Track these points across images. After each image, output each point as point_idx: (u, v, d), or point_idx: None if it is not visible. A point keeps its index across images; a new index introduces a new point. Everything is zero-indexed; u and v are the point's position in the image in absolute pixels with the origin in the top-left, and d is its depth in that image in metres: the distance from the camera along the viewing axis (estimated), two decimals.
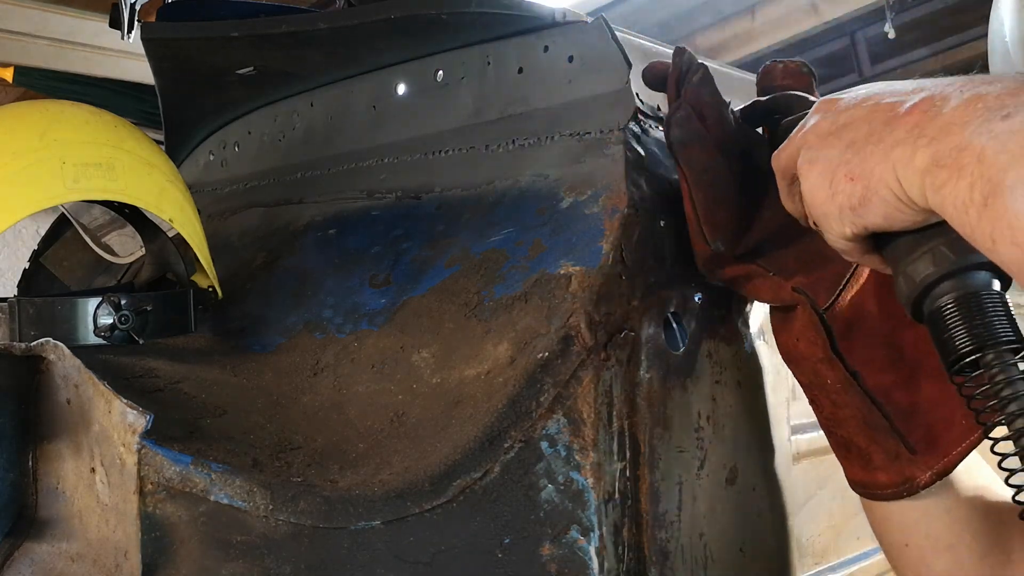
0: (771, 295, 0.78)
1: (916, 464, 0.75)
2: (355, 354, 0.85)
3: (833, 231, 0.63)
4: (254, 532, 0.66)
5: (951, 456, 0.74)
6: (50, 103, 0.93)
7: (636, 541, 0.73)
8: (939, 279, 0.59)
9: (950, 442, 0.74)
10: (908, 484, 0.75)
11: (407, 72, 1.04)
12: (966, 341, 0.58)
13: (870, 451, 0.76)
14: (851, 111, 0.62)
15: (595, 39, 0.85)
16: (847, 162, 0.60)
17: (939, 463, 0.74)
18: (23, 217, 0.82)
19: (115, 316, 0.88)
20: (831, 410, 0.78)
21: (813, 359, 0.77)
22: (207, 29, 1.03)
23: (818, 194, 0.63)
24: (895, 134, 0.57)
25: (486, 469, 0.69)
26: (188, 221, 0.95)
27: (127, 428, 0.66)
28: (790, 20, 3.75)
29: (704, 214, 0.75)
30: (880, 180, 0.58)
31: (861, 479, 0.79)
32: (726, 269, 0.78)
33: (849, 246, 0.64)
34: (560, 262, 0.76)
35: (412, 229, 0.93)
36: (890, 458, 0.76)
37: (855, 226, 0.61)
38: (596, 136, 0.83)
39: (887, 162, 0.57)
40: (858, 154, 0.59)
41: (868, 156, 0.58)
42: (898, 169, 0.56)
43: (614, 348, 0.72)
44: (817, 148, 0.63)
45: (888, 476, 0.76)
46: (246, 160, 1.28)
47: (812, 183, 0.63)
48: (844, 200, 0.60)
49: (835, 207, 0.61)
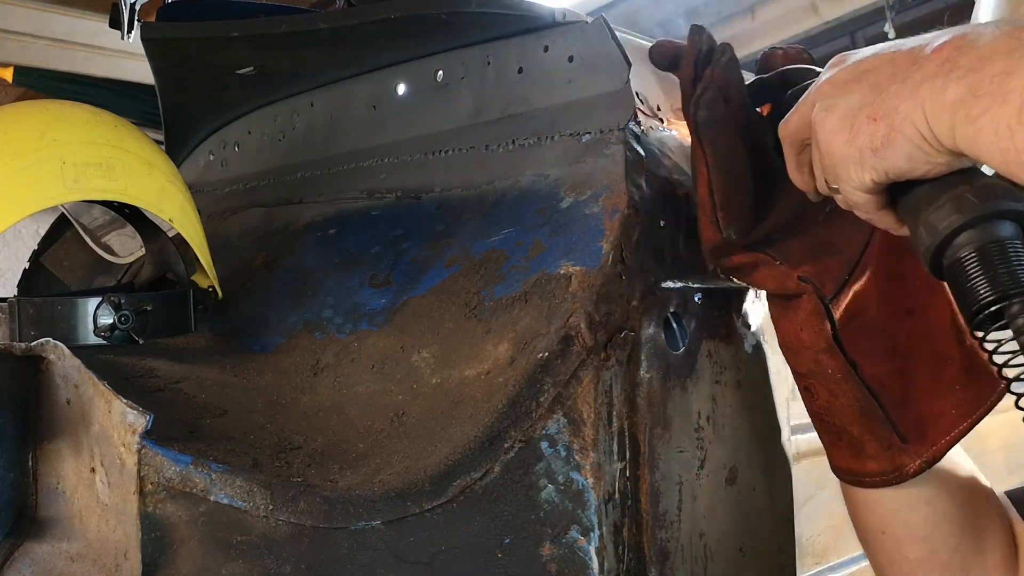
0: (776, 284, 0.77)
1: (906, 452, 0.76)
2: (355, 354, 0.85)
3: (851, 179, 0.61)
4: (254, 532, 0.66)
5: (939, 445, 0.75)
6: (50, 103, 0.93)
7: (636, 541, 0.73)
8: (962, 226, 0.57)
9: (939, 431, 0.75)
10: (898, 472, 0.76)
11: (407, 72, 1.04)
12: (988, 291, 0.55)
13: (863, 440, 0.77)
14: (871, 59, 0.60)
15: (595, 39, 0.85)
16: (870, 103, 0.58)
17: (928, 451, 0.75)
18: (23, 217, 0.82)
19: (115, 316, 0.88)
20: (827, 399, 0.78)
21: (815, 348, 0.77)
22: (207, 29, 1.03)
23: (837, 139, 0.60)
24: (924, 70, 0.55)
25: (486, 469, 0.69)
26: (188, 221, 0.95)
27: (127, 428, 0.66)
28: (790, 20, 3.75)
29: (721, 200, 0.74)
30: (906, 117, 0.55)
31: (849, 467, 0.79)
32: (733, 257, 0.77)
33: (865, 198, 0.62)
34: (560, 262, 0.76)
35: (412, 229, 0.93)
36: (882, 447, 0.76)
37: (875, 171, 0.59)
38: (596, 136, 0.83)
39: (914, 98, 0.54)
40: (881, 94, 0.57)
41: (893, 95, 0.56)
42: (926, 105, 0.54)
43: (614, 348, 0.72)
44: (835, 96, 0.61)
45: (879, 464, 0.77)
46: (246, 160, 1.28)
47: (830, 129, 0.61)
48: (866, 141, 0.58)
49: (855, 149, 0.59)
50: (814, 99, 0.63)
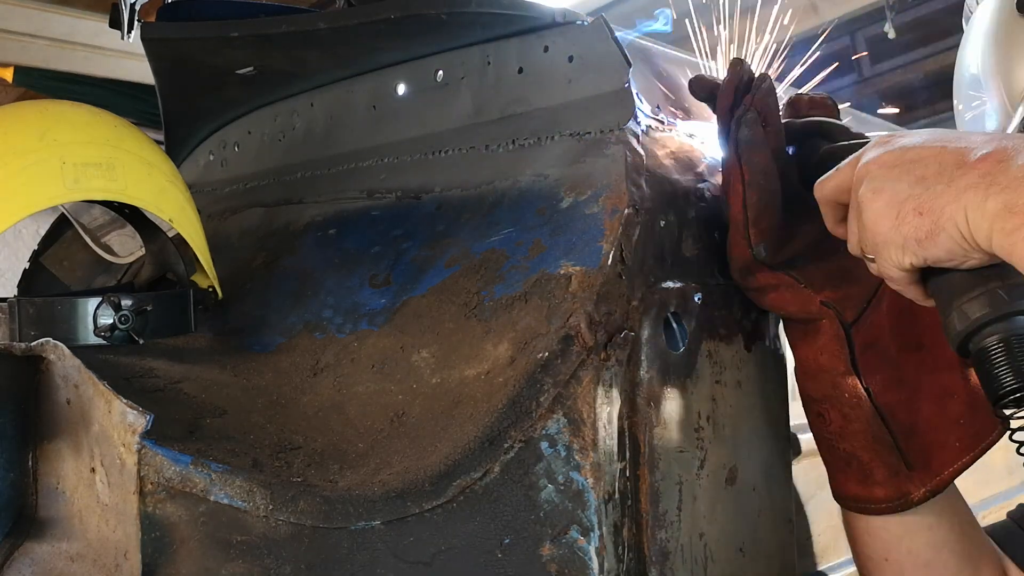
0: (798, 307, 0.80)
1: (912, 480, 0.79)
2: (355, 354, 0.85)
3: (891, 259, 0.66)
4: (254, 532, 0.66)
5: (944, 475, 0.79)
6: (50, 103, 0.93)
7: (636, 541, 0.73)
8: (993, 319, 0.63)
9: (944, 462, 0.79)
10: (903, 499, 0.80)
11: (407, 72, 1.04)
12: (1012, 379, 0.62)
13: (872, 466, 0.80)
14: (918, 149, 0.65)
15: (595, 39, 0.85)
16: (916, 196, 0.63)
17: (932, 481, 0.79)
18: (23, 217, 0.82)
19: (115, 316, 0.88)
20: (841, 424, 0.81)
21: (834, 372, 0.80)
22: (207, 29, 1.03)
23: (883, 222, 0.65)
24: (967, 178, 0.60)
25: (486, 469, 0.69)
26: (188, 221, 0.94)
27: (127, 428, 0.66)
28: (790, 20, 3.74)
29: (754, 216, 0.77)
30: (950, 218, 0.61)
31: (855, 493, 0.82)
32: (758, 276, 0.80)
33: (900, 275, 0.67)
34: (560, 262, 0.76)
35: (412, 229, 0.93)
36: (890, 473, 0.80)
37: (916, 257, 0.64)
38: (596, 136, 0.83)
39: (958, 202, 0.60)
40: (928, 190, 0.62)
41: (939, 194, 0.62)
42: (969, 211, 0.59)
43: (614, 348, 0.72)
44: (882, 179, 0.66)
45: (885, 491, 0.80)
46: (246, 160, 1.28)
47: (877, 211, 0.65)
48: (910, 232, 0.63)
49: (900, 237, 0.64)
50: (860, 176, 0.68)
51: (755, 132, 0.77)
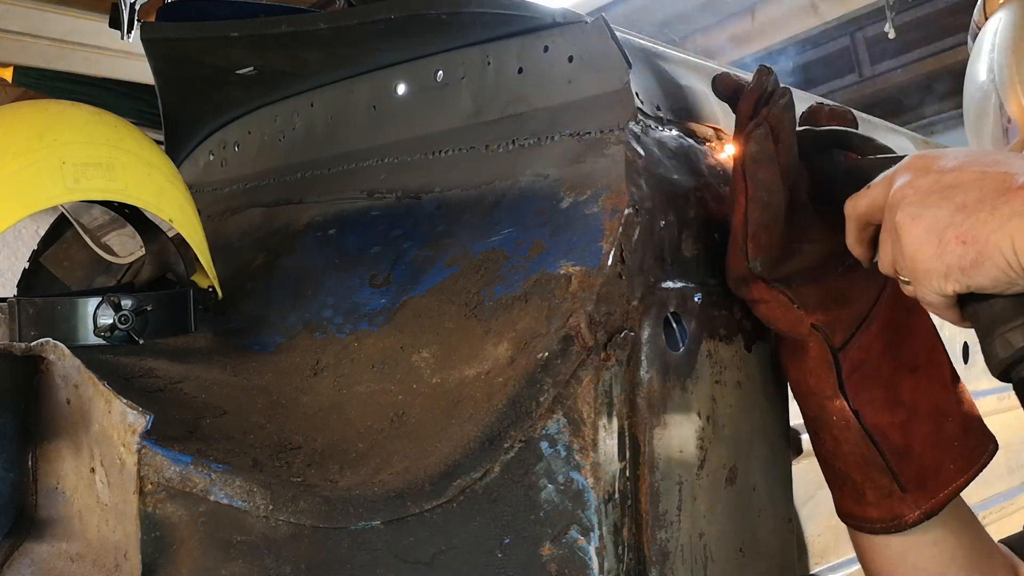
0: (789, 326, 0.80)
1: (906, 502, 0.79)
2: (355, 354, 0.85)
3: (932, 286, 0.65)
4: (254, 532, 0.66)
5: (939, 498, 0.79)
6: (50, 103, 0.93)
7: (636, 541, 0.73)
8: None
9: (939, 484, 0.79)
10: (897, 521, 0.80)
11: (407, 72, 1.04)
12: None
13: (864, 487, 0.80)
14: (956, 173, 0.64)
15: (595, 39, 0.85)
16: (959, 224, 0.62)
17: (928, 503, 0.79)
18: (23, 217, 0.82)
19: (115, 316, 0.88)
20: (832, 445, 0.81)
21: (821, 395, 0.80)
22: (207, 29, 1.03)
23: (924, 250, 0.64)
24: (1012, 205, 0.60)
25: (486, 469, 0.69)
26: (188, 221, 0.94)
27: (127, 428, 0.66)
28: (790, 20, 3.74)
29: (753, 232, 0.76)
30: (995, 247, 0.60)
31: (852, 511, 0.83)
32: (753, 289, 0.79)
33: (940, 301, 0.66)
34: (560, 262, 0.76)
35: (412, 229, 0.93)
36: (882, 495, 0.80)
37: (959, 284, 0.63)
38: (596, 136, 0.83)
39: (1003, 231, 0.60)
40: (970, 217, 0.62)
41: (983, 222, 0.61)
42: (1016, 239, 0.59)
43: (614, 348, 0.72)
44: (920, 205, 0.65)
45: (879, 512, 0.80)
46: (246, 160, 1.28)
47: (917, 238, 0.65)
48: (954, 261, 0.62)
49: (942, 265, 0.63)
50: (896, 200, 0.67)
51: (764, 148, 0.76)
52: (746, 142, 0.76)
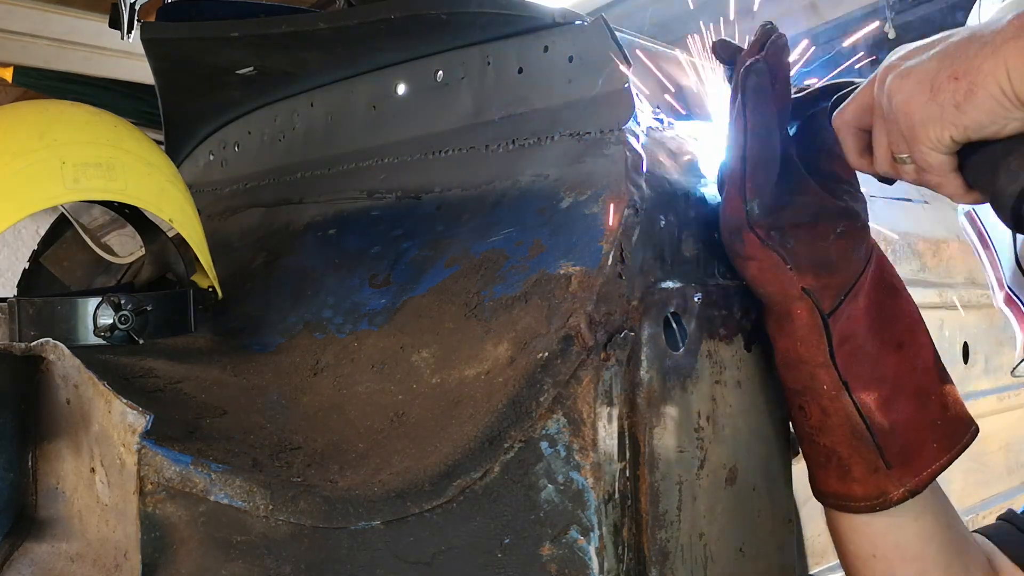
0: (779, 288, 0.79)
1: (891, 479, 0.79)
2: (355, 354, 0.85)
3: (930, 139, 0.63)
4: (254, 532, 0.66)
5: (923, 476, 0.79)
6: (50, 103, 0.93)
7: (636, 541, 0.73)
8: None
9: (922, 463, 0.79)
10: (882, 498, 0.79)
11: (407, 72, 1.04)
12: None
13: (851, 462, 0.80)
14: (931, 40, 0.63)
15: (595, 39, 0.85)
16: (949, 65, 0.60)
17: (912, 480, 0.79)
18: (23, 217, 0.82)
19: (115, 316, 0.88)
20: (820, 418, 0.81)
21: (812, 363, 0.79)
22: (207, 29, 1.03)
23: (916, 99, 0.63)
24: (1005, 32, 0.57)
25: (486, 469, 0.69)
26: (188, 221, 0.94)
27: (127, 428, 0.66)
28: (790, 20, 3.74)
29: (752, 170, 0.75)
30: (989, 74, 0.58)
31: (835, 490, 0.82)
32: (747, 241, 0.77)
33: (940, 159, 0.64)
34: (560, 262, 0.76)
35: (412, 229, 0.93)
36: (869, 470, 0.79)
37: (956, 127, 0.61)
38: (596, 136, 0.83)
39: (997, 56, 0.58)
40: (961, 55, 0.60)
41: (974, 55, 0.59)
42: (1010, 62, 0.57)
43: (614, 348, 0.72)
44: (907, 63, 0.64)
45: (864, 488, 0.80)
46: (246, 160, 1.28)
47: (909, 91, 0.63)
48: (948, 97, 0.60)
49: (937, 106, 0.61)
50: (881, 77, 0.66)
51: (763, 82, 0.75)
52: (745, 76, 0.75)
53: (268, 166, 1.23)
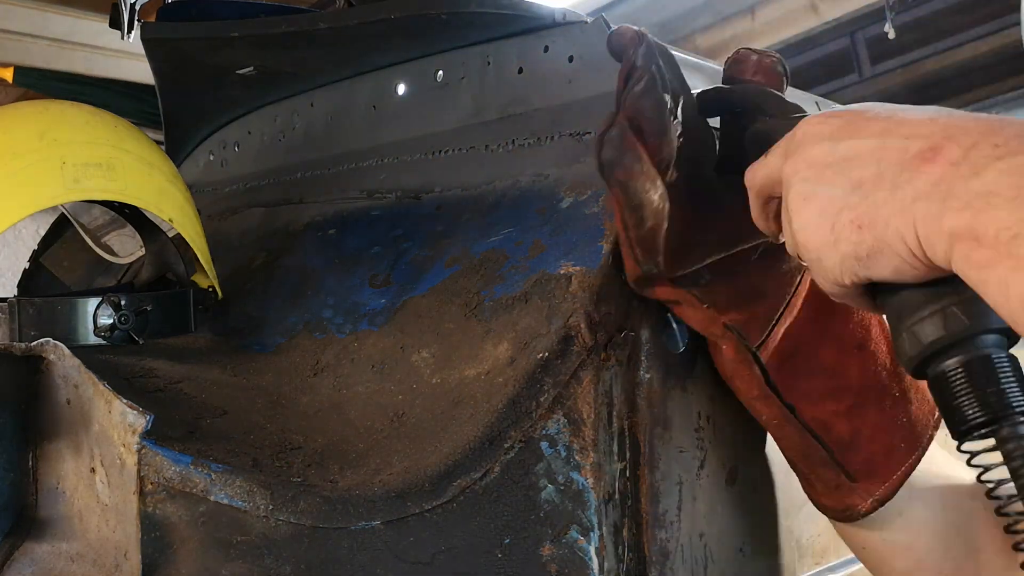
0: (701, 326, 0.73)
1: (856, 492, 0.74)
2: (355, 354, 0.85)
3: (828, 277, 0.58)
4: (254, 532, 0.66)
5: (891, 482, 0.74)
6: (50, 103, 0.93)
7: (636, 541, 0.73)
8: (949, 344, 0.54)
9: (889, 468, 0.74)
10: (848, 511, 0.75)
11: (407, 72, 1.04)
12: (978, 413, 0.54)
13: (811, 478, 0.77)
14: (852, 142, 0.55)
15: (595, 39, 0.85)
16: (853, 207, 0.54)
17: (879, 489, 0.74)
18: (23, 217, 0.82)
19: (115, 316, 0.88)
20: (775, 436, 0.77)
21: (748, 396, 0.75)
22: (207, 29, 1.03)
23: (815, 236, 0.57)
24: (915, 184, 0.51)
25: (486, 469, 0.69)
26: (188, 221, 0.95)
27: (127, 428, 0.66)
28: (790, 20, 3.75)
29: (635, 236, 0.68)
30: (895, 233, 0.51)
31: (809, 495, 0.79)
32: (657, 289, 0.71)
33: (840, 291, 0.59)
34: (560, 262, 0.76)
35: (412, 229, 0.93)
36: (830, 488, 0.75)
37: (856, 276, 0.56)
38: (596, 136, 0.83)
39: (906, 215, 0.51)
40: (866, 199, 0.53)
41: (881, 204, 0.52)
42: (919, 226, 0.50)
43: (614, 348, 0.72)
44: (813, 181, 0.57)
45: (830, 501, 0.76)
46: (246, 160, 1.28)
47: (808, 222, 0.57)
48: (849, 249, 0.54)
49: (837, 254, 0.55)
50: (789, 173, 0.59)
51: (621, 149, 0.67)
52: (599, 147, 0.68)
53: (268, 166, 1.23)
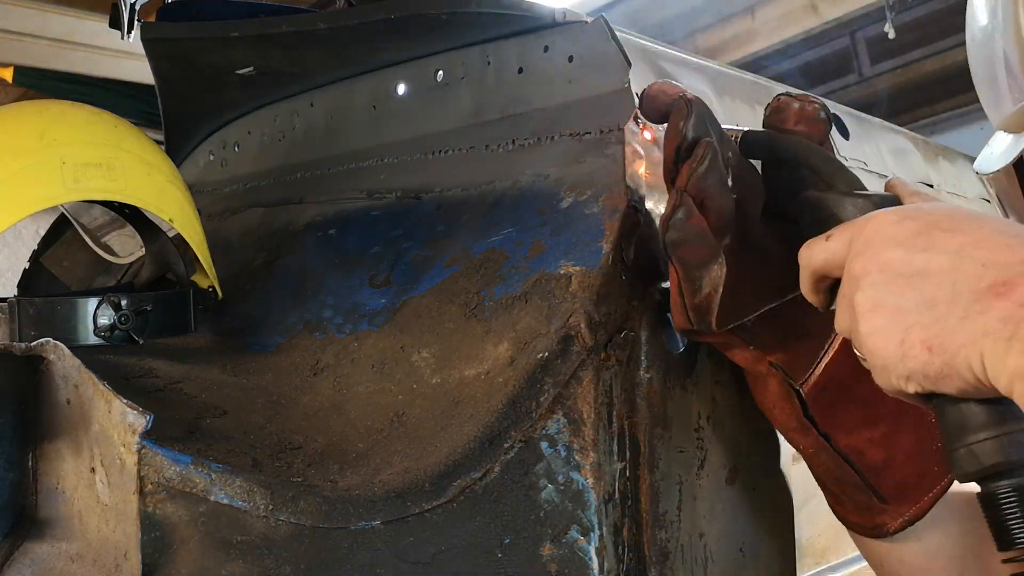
0: (748, 364, 0.76)
1: (887, 512, 0.76)
2: (355, 354, 0.85)
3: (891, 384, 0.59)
4: (254, 532, 0.66)
5: (922, 504, 0.76)
6: (50, 103, 0.93)
7: (636, 541, 0.73)
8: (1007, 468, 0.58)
9: (921, 490, 0.76)
10: (877, 529, 0.77)
11: (407, 72, 1.04)
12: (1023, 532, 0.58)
13: (842, 499, 0.79)
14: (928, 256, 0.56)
15: (595, 39, 0.85)
16: (925, 326, 0.56)
17: (910, 510, 0.76)
18: (23, 217, 0.82)
19: (115, 316, 0.88)
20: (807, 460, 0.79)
21: (786, 427, 0.78)
22: (207, 29, 1.03)
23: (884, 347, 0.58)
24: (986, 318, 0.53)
25: (486, 469, 0.69)
26: (188, 221, 0.94)
27: (127, 428, 0.66)
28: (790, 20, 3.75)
29: (691, 303, 0.70)
30: (964, 361, 0.54)
31: (835, 511, 0.81)
32: (704, 337, 0.74)
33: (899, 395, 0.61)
34: (560, 262, 0.76)
35: (412, 229, 0.93)
36: (860, 508, 0.77)
37: (922, 388, 0.58)
38: (596, 136, 0.83)
39: (974, 346, 0.53)
40: (938, 322, 0.55)
41: (951, 331, 0.54)
42: (987, 358, 0.53)
43: (614, 348, 0.72)
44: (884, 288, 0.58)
45: (860, 519, 0.78)
46: (246, 160, 1.28)
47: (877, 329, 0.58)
48: (918, 367, 0.56)
49: (905, 369, 0.57)
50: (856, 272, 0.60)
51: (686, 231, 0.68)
52: (664, 229, 0.69)
53: (268, 166, 1.23)
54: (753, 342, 0.74)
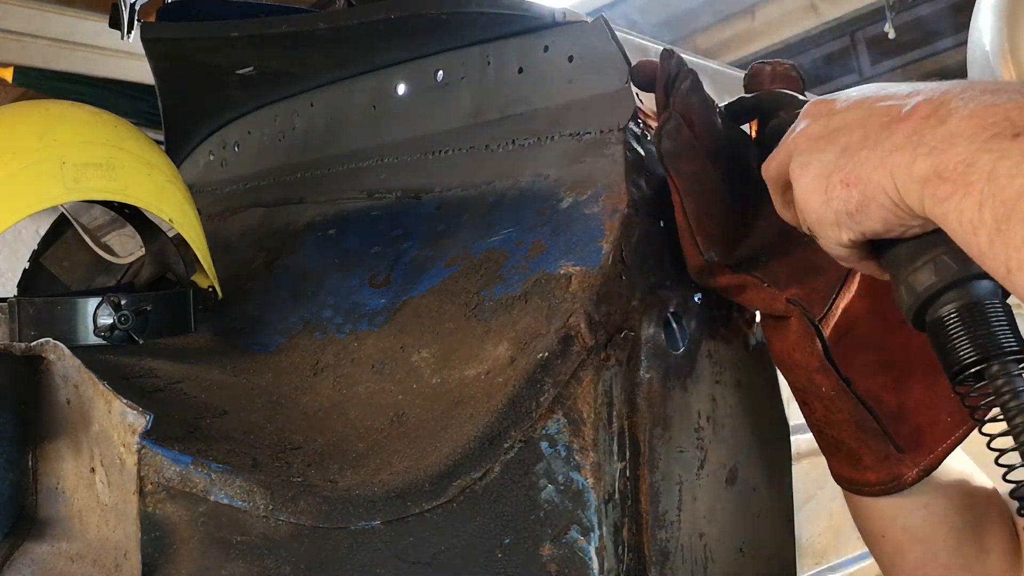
0: (765, 305, 0.78)
1: (903, 462, 0.78)
2: (355, 354, 0.85)
3: (829, 237, 0.62)
4: (254, 532, 0.66)
5: (937, 453, 0.77)
6: (50, 103, 0.93)
7: (636, 541, 0.73)
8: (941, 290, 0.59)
9: (935, 439, 0.77)
10: (896, 481, 0.78)
11: (407, 72, 1.04)
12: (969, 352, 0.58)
13: (860, 452, 0.79)
14: (843, 114, 0.61)
15: (595, 39, 0.85)
16: (842, 167, 0.59)
17: (925, 460, 0.77)
18: (23, 217, 0.82)
19: (115, 316, 0.88)
20: (824, 413, 0.80)
21: (809, 368, 0.78)
22: (207, 29, 1.03)
23: (812, 199, 0.62)
24: (893, 139, 0.56)
25: (486, 469, 0.69)
26: (188, 221, 0.94)
27: (127, 428, 0.66)
28: (790, 20, 3.75)
29: (696, 225, 0.75)
30: (877, 186, 0.56)
31: (849, 476, 0.81)
32: (719, 278, 0.77)
33: (846, 252, 0.63)
34: (560, 262, 0.76)
35: (412, 229, 0.93)
36: (879, 458, 0.78)
37: (852, 232, 0.60)
38: (596, 136, 0.83)
39: (884, 167, 0.56)
40: (853, 158, 0.58)
41: (864, 161, 0.57)
42: (896, 175, 0.55)
43: (614, 348, 0.72)
44: (809, 152, 0.62)
45: (876, 475, 0.79)
46: (246, 160, 1.28)
47: (805, 187, 0.62)
48: (840, 205, 0.59)
49: (831, 212, 0.60)
50: (791, 149, 0.65)
51: (679, 140, 0.74)
52: (658, 140, 0.74)
53: (268, 166, 1.23)
54: (767, 279, 0.76)
